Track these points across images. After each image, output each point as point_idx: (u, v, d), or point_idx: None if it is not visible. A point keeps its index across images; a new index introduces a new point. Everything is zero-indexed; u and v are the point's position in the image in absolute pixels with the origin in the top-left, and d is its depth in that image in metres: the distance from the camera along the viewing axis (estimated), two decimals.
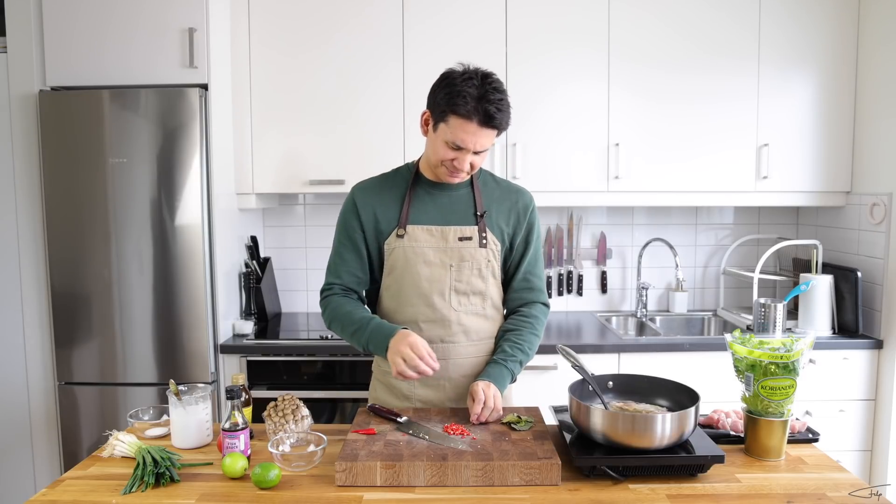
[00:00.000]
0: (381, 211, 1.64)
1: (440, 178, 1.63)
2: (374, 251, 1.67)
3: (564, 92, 2.67)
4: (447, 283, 1.62)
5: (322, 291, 1.71)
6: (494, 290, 1.68)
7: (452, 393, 1.67)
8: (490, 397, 1.51)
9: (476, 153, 1.54)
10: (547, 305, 1.75)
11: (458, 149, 1.52)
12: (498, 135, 1.56)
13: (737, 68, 2.67)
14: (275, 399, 1.57)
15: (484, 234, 1.62)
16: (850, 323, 2.60)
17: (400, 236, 1.61)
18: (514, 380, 1.66)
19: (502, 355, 1.63)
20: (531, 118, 2.68)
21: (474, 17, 2.65)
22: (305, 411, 1.54)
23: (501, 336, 1.69)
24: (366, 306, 1.71)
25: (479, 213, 1.64)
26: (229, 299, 2.64)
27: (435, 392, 1.67)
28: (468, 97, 1.46)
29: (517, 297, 1.72)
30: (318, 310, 3.06)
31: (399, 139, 2.67)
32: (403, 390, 1.69)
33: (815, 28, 2.66)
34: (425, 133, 1.61)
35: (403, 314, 1.65)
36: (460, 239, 1.62)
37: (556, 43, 2.66)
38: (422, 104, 2.63)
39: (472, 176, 1.66)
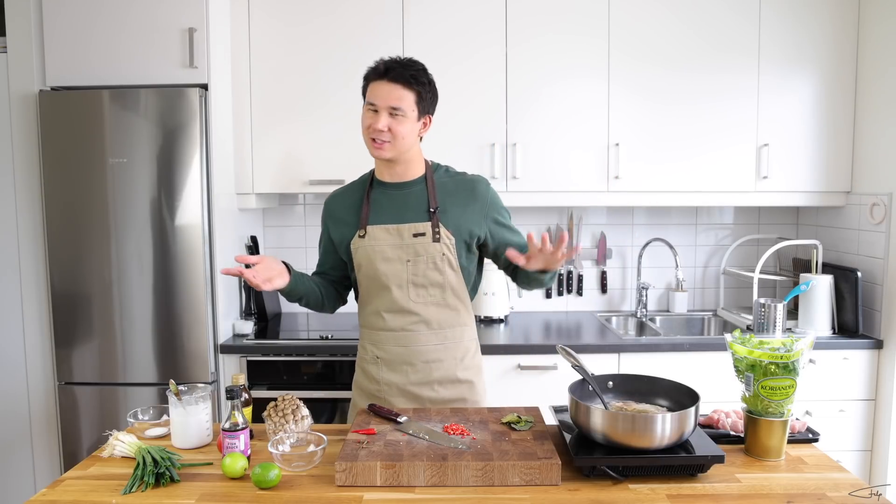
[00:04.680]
0: (344, 217, 1.80)
1: (372, 154, 1.72)
2: (343, 252, 1.81)
3: (564, 87, 2.67)
4: (404, 276, 1.74)
5: None
6: (454, 280, 1.76)
7: (414, 377, 1.78)
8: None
9: (392, 115, 1.64)
10: None
11: (374, 111, 1.65)
12: (419, 100, 1.66)
13: (737, 65, 2.67)
14: (275, 399, 1.57)
15: (437, 229, 1.72)
16: (850, 323, 2.60)
17: (361, 237, 1.75)
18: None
19: None
20: (529, 113, 2.68)
21: None
22: (305, 411, 1.54)
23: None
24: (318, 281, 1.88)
25: (431, 210, 1.72)
26: (229, 299, 2.64)
27: (398, 376, 1.78)
28: (374, 65, 1.69)
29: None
30: None
31: None
32: (373, 374, 1.82)
33: (816, 26, 2.66)
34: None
35: (371, 305, 1.80)
36: (414, 235, 1.72)
37: (555, 26, 2.65)
38: None
39: (426, 173, 1.77)
